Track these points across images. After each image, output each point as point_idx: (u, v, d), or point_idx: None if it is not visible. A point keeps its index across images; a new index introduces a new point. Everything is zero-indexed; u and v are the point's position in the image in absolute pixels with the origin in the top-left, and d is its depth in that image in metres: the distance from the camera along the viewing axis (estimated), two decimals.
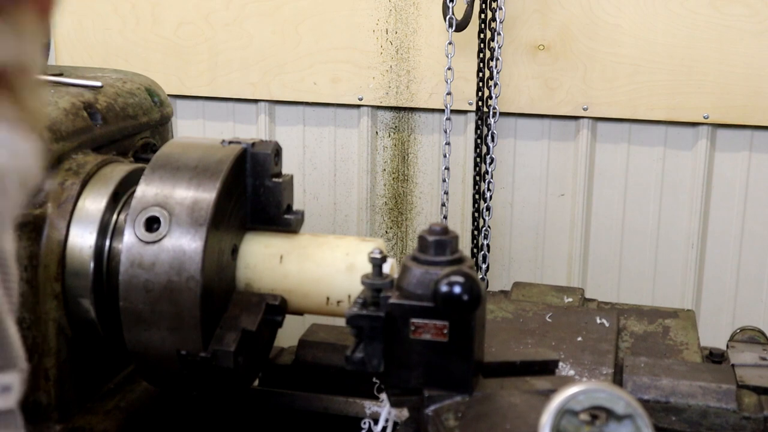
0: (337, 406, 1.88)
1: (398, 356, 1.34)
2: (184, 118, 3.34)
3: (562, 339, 1.92)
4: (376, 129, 3.21)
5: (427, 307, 1.32)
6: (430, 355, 1.33)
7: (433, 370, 1.33)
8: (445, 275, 1.27)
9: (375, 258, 1.37)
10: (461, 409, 1.30)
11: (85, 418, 1.75)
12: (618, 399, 1.05)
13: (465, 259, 1.37)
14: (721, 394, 1.70)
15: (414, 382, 1.34)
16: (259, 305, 1.62)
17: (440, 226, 1.37)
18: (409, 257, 1.38)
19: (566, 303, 2.14)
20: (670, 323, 2.08)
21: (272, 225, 1.69)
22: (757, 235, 3.00)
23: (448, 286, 1.25)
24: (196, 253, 1.53)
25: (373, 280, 1.36)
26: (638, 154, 3.04)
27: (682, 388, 1.72)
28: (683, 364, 1.82)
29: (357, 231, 3.27)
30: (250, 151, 1.66)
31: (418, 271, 1.34)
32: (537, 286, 2.23)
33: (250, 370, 1.71)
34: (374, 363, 1.34)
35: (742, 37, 2.83)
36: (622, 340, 1.99)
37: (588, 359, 1.83)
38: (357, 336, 1.36)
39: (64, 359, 1.70)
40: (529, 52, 2.98)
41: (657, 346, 1.97)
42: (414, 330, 1.32)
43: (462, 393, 1.33)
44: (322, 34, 3.13)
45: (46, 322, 1.66)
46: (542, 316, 2.02)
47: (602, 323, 1.99)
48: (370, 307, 1.35)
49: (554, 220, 3.14)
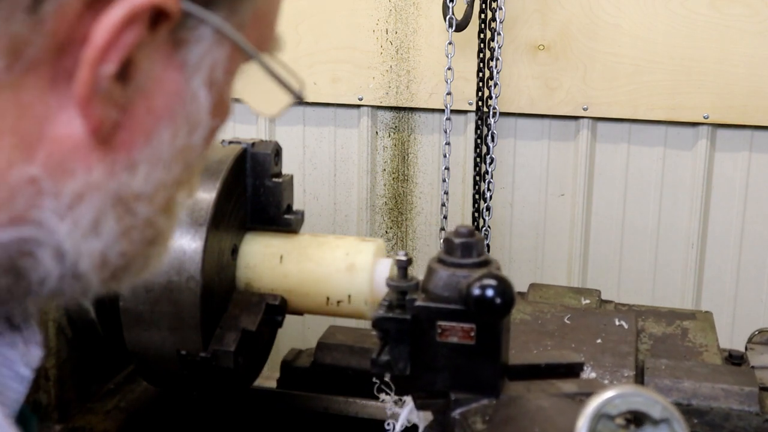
0: (356, 409, 1.88)
1: (424, 359, 1.33)
2: None
3: (581, 341, 1.91)
4: (376, 129, 3.21)
5: (454, 310, 1.31)
6: (456, 358, 1.32)
7: (460, 373, 1.32)
8: (477, 278, 1.25)
9: (400, 260, 1.37)
10: (489, 413, 1.29)
11: (85, 418, 1.75)
12: (655, 403, 1.04)
13: (492, 261, 1.36)
14: (743, 396, 1.69)
15: (440, 385, 1.34)
16: (259, 305, 1.62)
17: (467, 227, 1.36)
18: (435, 259, 1.37)
19: (584, 304, 2.14)
20: (688, 325, 2.07)
21: (272, 225, 1.69)
22: (757, 235, 3.00)
23: (481, 289, 1.24)
24: (196, 253, 1.53)
25: (399, 283, 1.36)
26: (638, 154, 3.04)
27: (704, 390, 1.71)
28: (704, 366, 1.81)
29: (357, 231, 3.27)
30: (250, 151, 1.66)
31: (444, 273, 1.33)
32: (553, 288, 2.24)
33: (250, 370, 1.71)
34: (400, 366, 1.34)
35: (742, 37, 2.83)
36: (641, 342, 1.98)
37: (609, 361, 1.83)
38: (382, 339, 1.35)
39: (64, 359, 1.70)
40: (529, 52, 2.98)
41: (676, 348, 1.96)
42: (441, 333, 1.32)
43: (489, 396, 1.32)
44: (322, 34, 3.13)
45: (46, 322, 1.66)
46: (560, 318, 2.01)
47: (621, 325, 1.99)
48: (396, 309, 1.35)
49: (554, 220, 3.14)
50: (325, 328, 2.08)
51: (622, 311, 2.11)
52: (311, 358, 1.98)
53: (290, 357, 2.02)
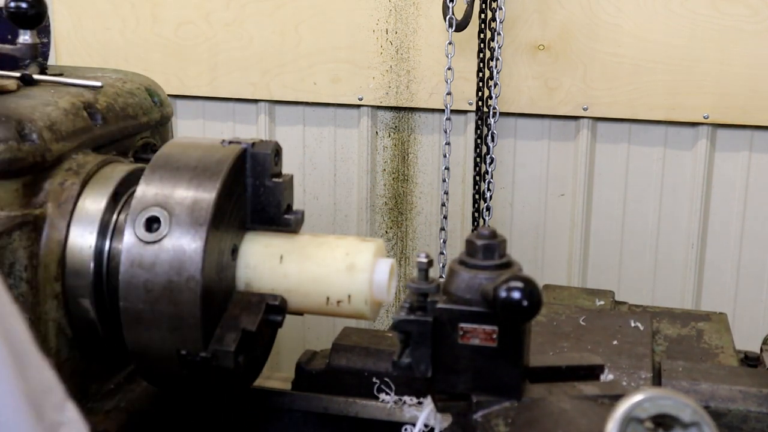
0: (371, 411, 1.87)
1: (446, 361, 1.33)
2: (184, 118, 3.34)
3: (597, 342, 1.91)
4: (376, 129, 3.21)
5: (476, 312, 1.30)
6: (478, 360, 1.31)
7: (482, 375, 1.32)
8: (503, 281, 1.24)
9: (421, 262, 1.36)
10: (511, 415, 1.29)
11: (86, 418, 1.75)
12: (684, 406, 1.03)
13: (514, 263, 1.35)
14: (761, 398, 1.69)
15: (461, 387, 1.33)
16: (259, 305, 1.62)
17: (488, 229, 1.35)
18: (456, 261, 1.36)
19: (598, 306, 2.14)
20: (703, 326, 2.07)
21: (272, 225, 1.68)
22: (757, 235, 3.00)
23: (507, 291, 1.22)
24: (196, 253, 1.53)
25: (420, 285, 1.35)
26: (638, 154, 3.04)
27: (722, 392, 1.71)
28: (721, 368, 1.81)
29: (357, 231, 3.27)
30: (250, 151, 1.66)
31: (466, 275, 1.32)
32: (567, 289, 2.24)
33: (250, 370, 1.71)
34: (422, 368, 1.33)
35: (742, 37, 2.83)
36: (656, 344, 1.98)
37: (625, 363, 1.83)
38: (404, 341, 1.35)
39: (64, 359, 1.70)
40: (529, 52, 2.98)
41: (692, 350, 1.96)
42: (462, 335, 1.31)
43: (511, 398, 1.31)
44: (322, 34, 3.13)
45: (46, 322, 1.66)
46: (575, 320, 2.01)
47: (636, 326, 1.99)
48: (417, 311, 1.34)
49: (554, 220, 3.14)
50: (325, 328, 2.08)
51: (637, 312, 2.11)
52: (326, 360, 1.97)
53: (304, 359, 2.01)
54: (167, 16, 3.24)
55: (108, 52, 3.29)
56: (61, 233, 1.67)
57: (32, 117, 1.68)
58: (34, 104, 1.73)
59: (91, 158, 1.76)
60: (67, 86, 1.88)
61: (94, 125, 1.82)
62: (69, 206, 1.68)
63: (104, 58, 3.28)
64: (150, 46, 3.27)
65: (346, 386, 1.93)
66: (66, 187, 1.69)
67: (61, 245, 1.66)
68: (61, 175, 1.70)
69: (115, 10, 3.27)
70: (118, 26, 3.28)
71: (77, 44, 3.32)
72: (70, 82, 1.90)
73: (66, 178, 1.70)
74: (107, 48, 3.30)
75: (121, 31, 3.28)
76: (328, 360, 1.97)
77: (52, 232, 1.66)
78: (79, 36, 3.32)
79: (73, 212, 1.68)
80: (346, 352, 1.96)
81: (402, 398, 1.86)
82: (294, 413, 1.93)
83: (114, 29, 3.29)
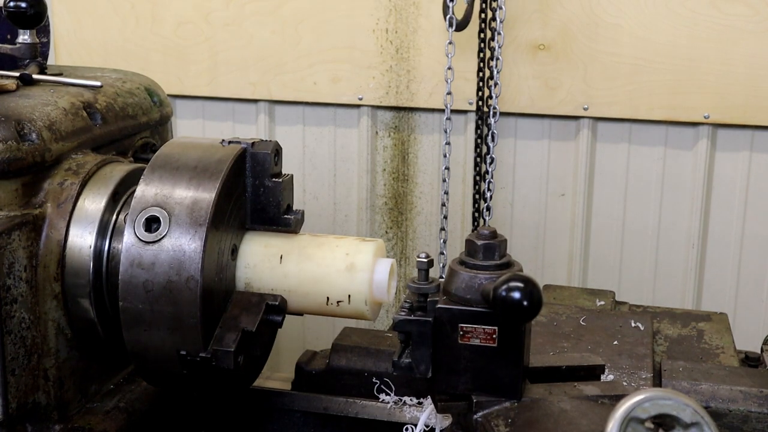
0: (371, 411, 1.87)
1: (446, 361, 1.33)
2: (183, 118, 3.34)
3: (597, 343, 1.91)
4: (376, 129, 3.20)
5: (477, 312, 1.30)
6: (478, 361, 1.31)
7: (482, 375, 1.32)
8: (503, 281, 1.24)
9: (421, 262, 1.36)
10: (511, 415, 1.29)
11: (85, 418, 1.75)
12: (685, 407, 1.03)
13: (514, 263, 1.35)
14: (762, 398, 1.69)
15: (462, 387, 1.33)
16: (259, 305, 1.62)
17: (488, 229, 1.35)
18: (456, 261, 1.36)
19: (598, 306, 2.14)
20: (703, 326, 2.07)
21: (272, 225, 1.68)
22: (757, 235, 3.00)
23: (507, 291, 1.22)
24: (196, 253, 1.53)
25: (420, 285, 1.35)
26: (638, 154, 3.04)
27: (723, 392, 1.71)
28: (722, 368, 1.81)
29: (357, 231, 3.26)
30: (250, 151, 1.66)
31: (466, 275, 1.32)
32: (568, 289, 2.24)
33: (250, 370, 1.71)
34: (422, 368, 1.33)
35: (742, 37, 2.83)
36: (657, 344, 1.98)
37: (626, 363, 1.83)
38: (404, 341, 1.34)
39: (63, 359, 1.70)
40: (529, 51, 2.98)
41: (693, 350, 1.96)
42: (462, 335, 1.31)
43: (511, 398, 1.31)
44: (322, 33, 3.13)
45: (45, 322, 1.66)
46: (576, 320, 2.01)
47: (637, 327, 1.99)
48: (417, 312, 1.34)
49: (554, 220, 3.14)
50: (325, 328, 2.08)
51: (637, 312, 2.11)
52: (326, 360, 1.97)
53: (304, 359, 2.01)
54: (167, 15, 3.24)
55: (108, 52, 3.29)
56: (60, 233, 1.66)
57: (32, 117, 1.68)
58: (34, 104, 1.73)
59: (90, 158, 1.76)
60: (67, 86, 1.88)
61: (93, 125, 1.82)
62: (68, 206, 1.68)
63: (104, 58, 3.27)
64: (149, 45, 3.27)
65: (346, 386, 1.92)
66: (65, 187, 1.69)
67: (60, 245, 1.66)
68: (61, 175, 1.70)
69: (115, 10, 3.27)
70: (118, 26, 3.28)
71: (77, 44, 3.32)
72: (69, 82, 1.90)
73: (65, 178, 1.70)
74: (107, 48, 3.29)
75: (121, 31, 3.28)
76: (328, 360, 1.97)
77: (52, 232, 1.66)
78: (78, 36, 3.32)
79: (72, 212, 1.68)
80: (346, 353, 1.96)
81: (402, 398, 1.86)
82: (294, 413, 1.92)
83: (113, 29, 3.28)
